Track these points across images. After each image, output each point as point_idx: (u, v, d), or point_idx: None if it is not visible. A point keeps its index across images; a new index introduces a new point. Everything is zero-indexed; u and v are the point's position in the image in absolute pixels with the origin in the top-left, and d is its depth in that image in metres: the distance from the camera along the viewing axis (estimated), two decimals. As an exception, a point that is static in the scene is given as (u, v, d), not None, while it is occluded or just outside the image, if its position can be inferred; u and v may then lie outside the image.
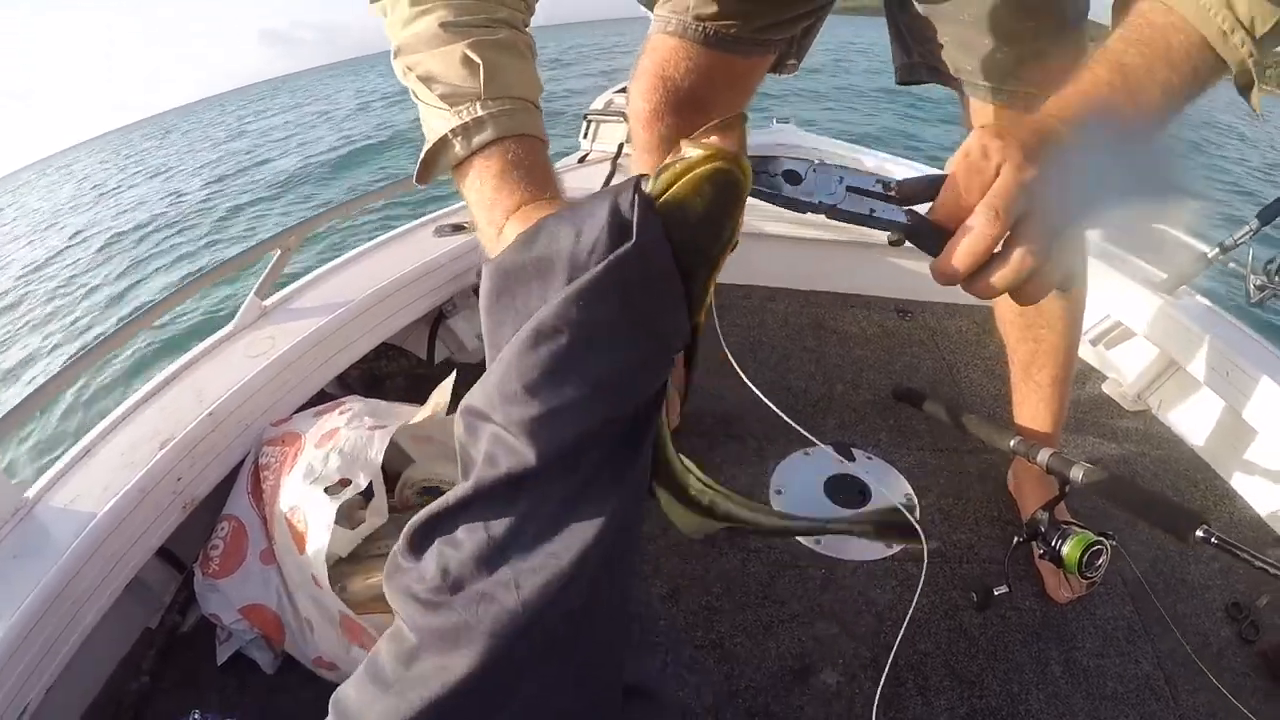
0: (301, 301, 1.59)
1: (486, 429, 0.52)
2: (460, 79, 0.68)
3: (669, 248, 0.50)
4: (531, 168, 0.68)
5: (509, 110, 0.68)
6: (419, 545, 0.54)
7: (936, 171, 0.57)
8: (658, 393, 0.57)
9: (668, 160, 0.50)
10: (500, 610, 0.50)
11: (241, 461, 1.30)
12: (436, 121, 0.68)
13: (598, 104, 2.62)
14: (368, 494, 1.19)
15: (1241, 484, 1.73)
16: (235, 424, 1.31)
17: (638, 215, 0.49)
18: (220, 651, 1.20)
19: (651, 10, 1.29)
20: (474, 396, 0.53)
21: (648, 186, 0.50)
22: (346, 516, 1.18)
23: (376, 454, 1.18)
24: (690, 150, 0.49)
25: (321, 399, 1.44)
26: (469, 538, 0.52)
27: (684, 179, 0.49)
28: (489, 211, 0.66)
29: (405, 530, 0.55)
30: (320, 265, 1.72)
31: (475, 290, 1.80)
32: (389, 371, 1.73)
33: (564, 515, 0.52)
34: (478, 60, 0.68)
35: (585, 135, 2.54)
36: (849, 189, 0.58)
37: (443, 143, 0.68)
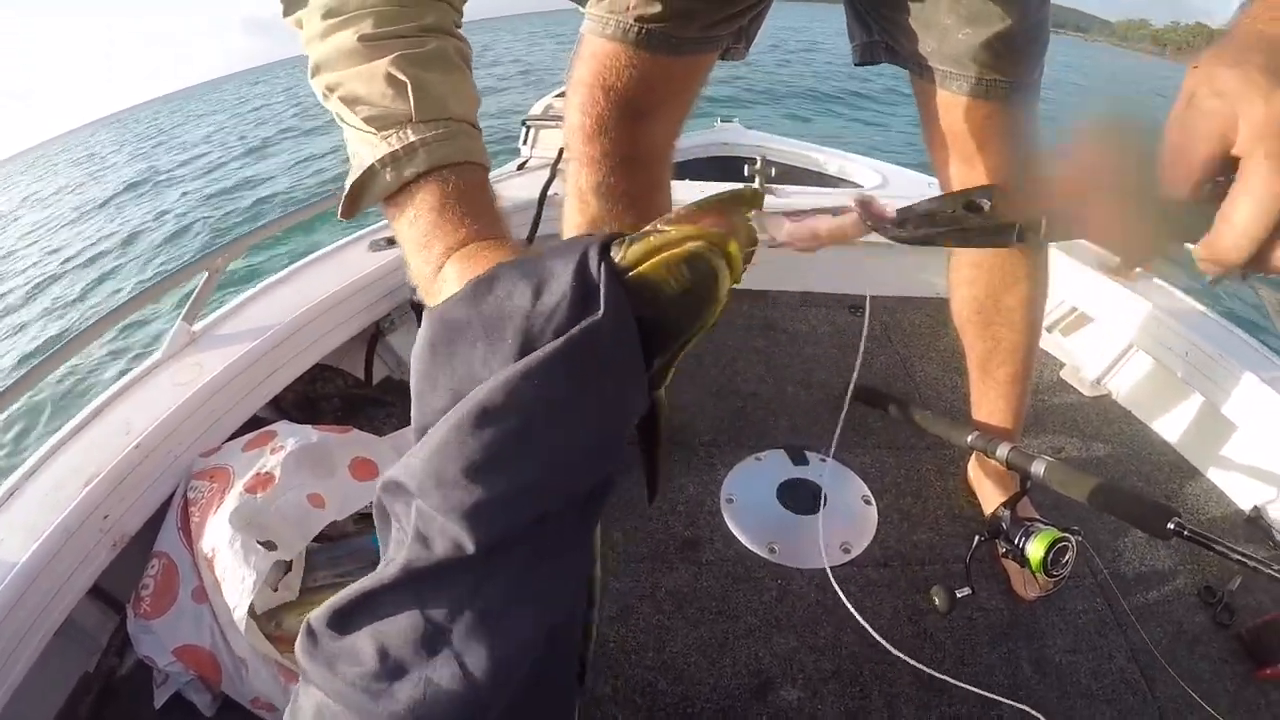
0: (232, 325, 1.57)
1: (415, 504, 0.48)
2: (387, 100, 0.62)
3: (635, 327, 0.46)
4: (473, 202, 0.61)
5: (444, 135, 0.62)
6: (345, 624, 0.50)
7: None
8: (606, 480, 0.53)
9: (645, 229, 0.46)
10: (450, 696, 0.47)
11: (172, 495, 1.28)
12: (363, 149, 0.62)
13: (536, 109, 2.61)
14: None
15: (1205, 463, 1.75)
16: (163, 456, 1.30)
17: (604, 285, 0.44)
18: (158, 695, 1.19)
19: (582, 7, 1.22)
20: (402, 473, 0.49)
21: (617, 254, 0.46)
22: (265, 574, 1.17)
23: (309, 534, 1.18)
24: (669, 227, 0.45)
25: (255, 424, 1.43)
26: (406, 619, 0.48)
27: (658, 257, 0.45)
28: (425, 250, 0.59)
29: (329, 605, 0.51)
30: (251, 286, 1.70)
31: (413, 305, 1.81)
32: (325, 393, 1.71)
33: (508, 600, 0.49)
34: (404, 79, 0.62)
35: (524, 141, 2.53)
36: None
37: (370, 173, 0.61)
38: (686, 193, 1.78)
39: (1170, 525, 1.09)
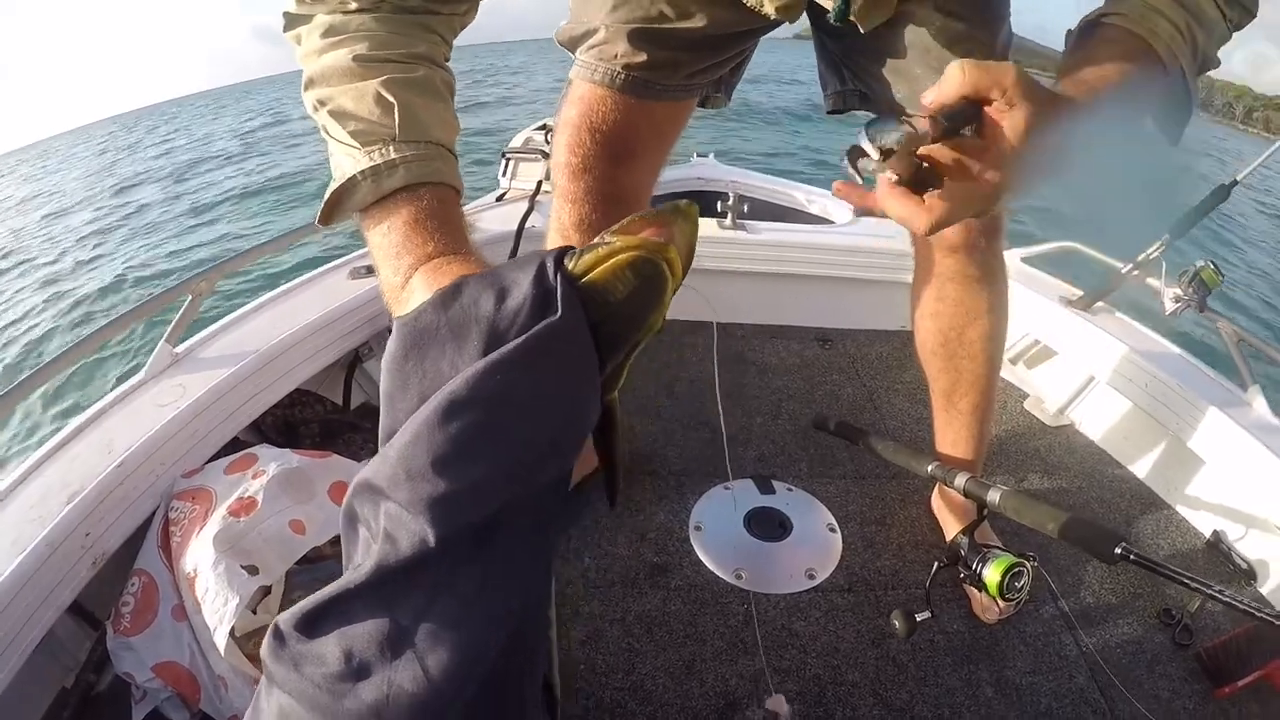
0: (214, 348, 1.61)
1: (384, 506, 0.51)
2: (374, 117, 0.68)
3: (587, 327, 0.50)
4: (445, 219, 0.67)
5: (423, 155, 0.68)
6: (313, 627, 0.54)
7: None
8: (560, 482, 0.57)
9: (594, 241, 0.51)
10: (412, 696, 0.50)
11: (152, 514, 1.31)
12: (345, 161, 0.68)
13: (516, 142, 2.67)
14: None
15: (1166, 492, 1.83)
16: (145, 475, 1.33)
17: (561, 290, 0.49)
18: (135, 712, 1.20)
19: (573, 53, 1.29)
20: (373, 471, 0.53)
21: (570, 263, 0.51)
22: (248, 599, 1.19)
23: (290, 559, 1.21)
24: (614, 237, 0.50)
25: (235, 446, 1.46)
26: (372, 621, 0.52)
27: (605, 264, 0.50)
28: (395, 260, 0.64)
29: (298, 608, 0.54)
30: (233, 310, 1.75)
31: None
32: (304, 418, 1.75)
33: (470, 599, 0.52)
34: (392, 100, 0.67)
35: (504, 173, 2.59)
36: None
37: (350, 184, 0.67)
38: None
39: (1117, 550, 1.15)
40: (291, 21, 0.74)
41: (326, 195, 0.69)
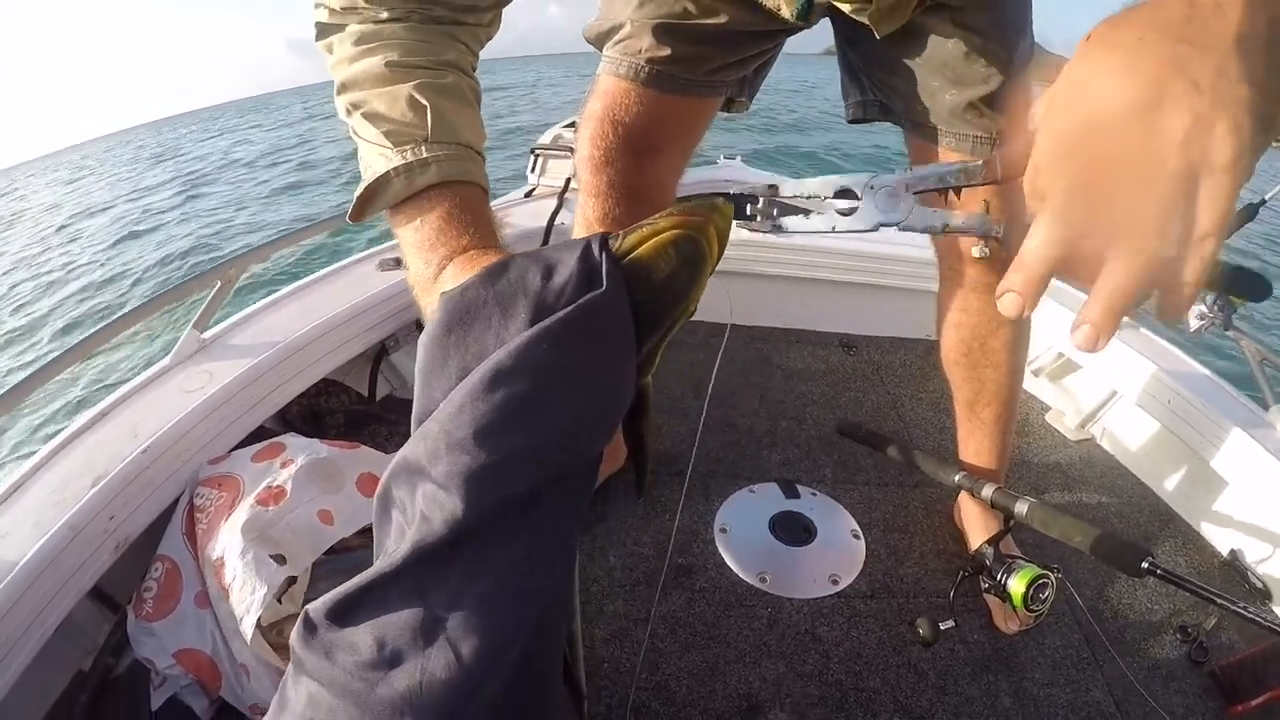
0: (241, 336, 1.61)
1: (420, 487, 0.52)
2: (407, 119, 0.70)
3: (628, 303, 0.53)
4: (478, 216, 0.69)
5: (454, 155, 0.70)
6: (345, 616, 0.54)
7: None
8: (593, 462, 0.58)
9: (637, 224, 0.53)
10: (444, 682, 0.50)
11: (176, 500, 1.31)
12: (378, 160, 0.69)
13: (545, 139, 2.67)
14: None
15: (1186, 509, 1.83)
16: (170, 461, 1.33)
17: (605, 264, 0.52)
18: (155, 697, 1.20)
19: (601, 50, 1.31)
20: (412, 449, 0.53)
21: (614, 243, 0.53)
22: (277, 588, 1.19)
23: (318, 549, 1.21)
24: (658, 219, 0.53)
25: (260, 434, 1.46)
26: (404, 609, 0.52)
27: (649, 242, 0.52)
28: (429, 252, 0.66)
29: (329, 597, 0.54)
30: (262, 298, 1.75)
31: (419, 325, 1.86)
32: (330, 408, 1.76)
33: (507, 574, 0.53)
34: (424, 103, 0.70)
35: (532, 170, 2.59)
36: (917, 195, 0.55)
37: (383, 180, 0.69)
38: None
39: (1144, 564, 1.15)
40: (324, 31, 0.76)
41: (358, 191, 0.71)
